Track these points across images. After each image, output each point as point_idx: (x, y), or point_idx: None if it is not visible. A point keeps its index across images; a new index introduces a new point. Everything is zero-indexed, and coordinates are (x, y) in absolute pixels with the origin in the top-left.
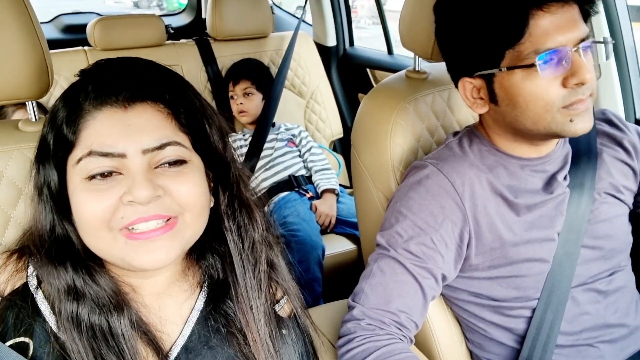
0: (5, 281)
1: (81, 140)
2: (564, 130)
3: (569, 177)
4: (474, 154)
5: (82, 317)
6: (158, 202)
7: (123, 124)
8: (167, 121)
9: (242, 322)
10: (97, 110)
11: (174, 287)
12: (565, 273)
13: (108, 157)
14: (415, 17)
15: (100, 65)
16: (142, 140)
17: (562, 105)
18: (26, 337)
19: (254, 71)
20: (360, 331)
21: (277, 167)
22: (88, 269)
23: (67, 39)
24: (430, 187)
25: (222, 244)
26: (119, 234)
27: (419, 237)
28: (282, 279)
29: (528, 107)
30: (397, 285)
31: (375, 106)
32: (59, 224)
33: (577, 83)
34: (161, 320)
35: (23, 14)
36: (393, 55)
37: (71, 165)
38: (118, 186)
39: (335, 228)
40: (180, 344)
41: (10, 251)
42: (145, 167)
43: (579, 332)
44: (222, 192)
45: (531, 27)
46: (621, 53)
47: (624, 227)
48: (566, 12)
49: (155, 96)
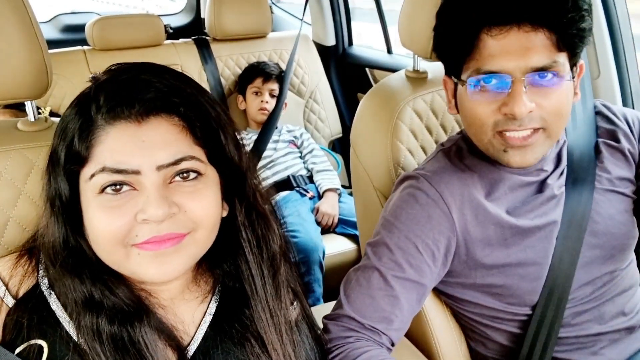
0: (18, 284)
1: (94, 155)
2: (499, 157)
3: (567, 174)
4: (463, 163)
5: (102, 328)
6: (172, 220)
7: (137, 139)
8: (181, 135)
9: (261, 331)
10: (110, 125)
11: (187, 293)
12: (565, 273)
13: (122, 174)
14: (415, 17)
15: (112, 72)
16: (156, 156)
17: (496, 129)
18: (40, 340)
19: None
20: (340, 333)
21: (277, 166)
22: (104, 280)
23: (66, 39)
24: (420, 197)
25: (239, 254)
26: (132, 248)
27: (407, 248)
28: (292, 281)
29: (469, 123)
30: (379, 298)
31: (375, 106)
32: (71, 236)
33: (506, 113)
34: (177, 323)
35: (22, 13)
36: (392, 55)
37: (84, 180)
38: (132, 202)
39: (336, 228)
40: (194, 348)
41: (19, 252)
42: (160, 183)
43: (579, 332)
44: (238, 203)
45: (482, 46)
46: (620, 51)
47: (627, 223)
48: (523, 38)
49: (169, 109)
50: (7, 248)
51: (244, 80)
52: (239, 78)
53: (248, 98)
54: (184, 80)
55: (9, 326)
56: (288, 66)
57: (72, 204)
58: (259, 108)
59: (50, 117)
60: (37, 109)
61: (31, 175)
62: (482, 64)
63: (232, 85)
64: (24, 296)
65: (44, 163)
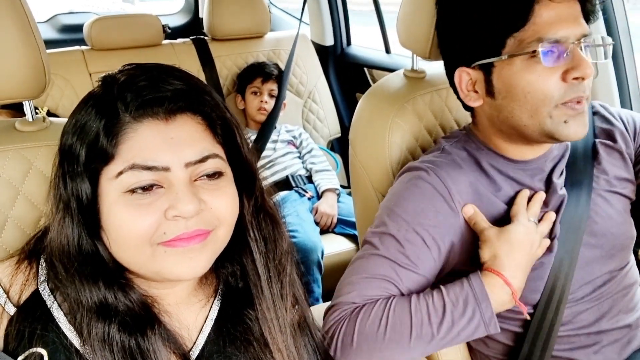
0: (18, 291)
1: (121, 153)
2: (557, 131)
3: (566, 175)
4: (469, 158)
5: (113, 336)
6: (200, 217)
7: (165, 137)
8: (205, 133)
9: (265, 332)
10: (138, 122)
11: (192, 296)
12: (565, 273)
13: (151, 171)
14: (414, 16)
15: (129, 73)
16: (184, 153)
17: (560, 100)
18: (41, 348)
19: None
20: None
21: (276, 166)
22: (120, 284)
23: (63, 39)
24: (426, 189)
25: (245, 254)
26: (158, 247)
27: (414, 241)
28: (296, 284)
29: (526, 99)
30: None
31: (373, 105)
32: (87, 239)
33: (576, 77)
34: (181, 328)
35: (20, 13)
36: (391, 55)
37: (107, 178)
38: (160, 200)
39: (335, 228)
40: (196, 353)
41: (18, 257)
42: (188, 180)
43: (579, 331)
44: (247, 202)
45: (535, 15)
46: (618, 52)
47: (625, 223)
48: (570, 7)
49: (194, 108)
50: (6, 249)
51: (243, 80)
52: (238, 78)
53: (247, 98)
54: (201, 82)
55: (12, 334)
56: (287, 66)
57: (91, 205)
58: (258, 108)
59: (47, 117)
60: (34, 109)
61: (29, 175)
62: (543, 32)
63: (230, 85)
64: (24, 303)
65: (42, 163)
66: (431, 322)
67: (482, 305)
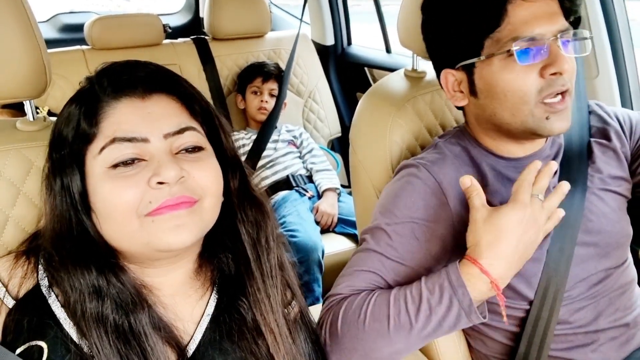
0: (17, 285)
1: (102, 130)
2: (539, 127)
3: (560, 174)
4: (462, 153)
5: (106, 315)
6: (183, 185)
7: (142, 112)
8: (182, 110)
9: (257, 315)
10: (116, 100)
11: (188, 287)
12: (560, 271)
13: (132, 142)
14: (414, 16)
15: (108, 65)
16: (162, 126)
17: (540, 97)
18: (40, 341)
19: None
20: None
21: (277, 166)
22: (112, 267)
23: (64, 39)
24: (416, 184)
25: (235, 240)
26: (146, 218)
27: (404, 234)
28: (290, 279)
29: (506, 97)
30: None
31: (374, 105)
32: (76, 220)
33: (554, 72)
34: (177, 320)
35: (21, 13)
36: (391, 54)
37: (91, 157)
38: (143, 171)
39: (335, 227)
40: (193, 347)
41: (17, 253)
42: (168, 150)
43: (576, 330)
44: (232, 182)
45: (510, 15)
46: (619, 51)
47: (621, 221)
48: (546, 4)
49: (169, 89)
50: (6, 248)
51: (243, 79)
52: (239, 77)
53: (247, 97)
54: (176, 74)
55: (10, 327)
56: (287, 66)
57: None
58: (259, 107)
59: (48, 116)
60: (35, 109)
61: (30, 175)
62: (518, 31)
63: (231, 84)
64: (24, 297)
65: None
66: (408, 310)
67: (458, 292)
